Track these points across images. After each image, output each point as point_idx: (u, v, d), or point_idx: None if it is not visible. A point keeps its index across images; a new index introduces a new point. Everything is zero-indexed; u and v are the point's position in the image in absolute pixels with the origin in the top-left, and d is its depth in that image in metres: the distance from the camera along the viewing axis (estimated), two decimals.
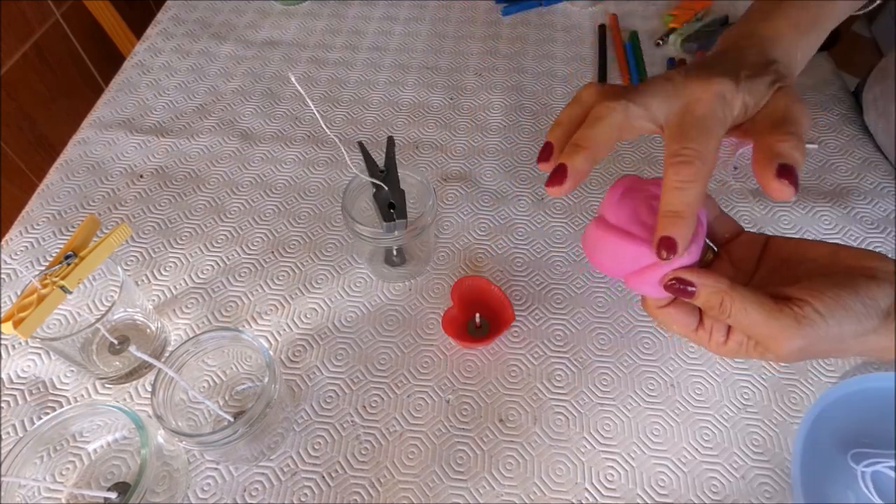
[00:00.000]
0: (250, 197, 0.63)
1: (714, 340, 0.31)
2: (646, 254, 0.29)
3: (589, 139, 0.30)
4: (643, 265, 0.30)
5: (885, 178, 0.62)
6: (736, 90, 0.30)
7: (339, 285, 0.56)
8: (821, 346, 0.27)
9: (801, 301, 0.27)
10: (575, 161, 0.29)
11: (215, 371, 0.47)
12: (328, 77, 0.77)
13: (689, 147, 0.28)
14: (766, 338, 0.27)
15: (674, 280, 0.29)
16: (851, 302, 0.26)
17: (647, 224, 0.30)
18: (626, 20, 0.84)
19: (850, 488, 0.42)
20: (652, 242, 0.29)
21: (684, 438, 0.46)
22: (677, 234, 0.28)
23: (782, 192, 0.27)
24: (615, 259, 0.31)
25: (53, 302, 0.42)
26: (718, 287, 0.28)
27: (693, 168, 0.28)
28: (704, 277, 0.28)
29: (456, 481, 0.44)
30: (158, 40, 0.83)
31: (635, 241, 0.29)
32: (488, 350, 0.51)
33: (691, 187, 0.28)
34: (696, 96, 0.30)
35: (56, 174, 0.66)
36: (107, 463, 0.44)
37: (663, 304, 0.31)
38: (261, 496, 0.44)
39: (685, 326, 0.31)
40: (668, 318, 0.31)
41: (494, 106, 0.73)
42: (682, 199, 0.28)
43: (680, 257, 0.29)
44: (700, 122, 0.29)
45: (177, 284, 0.56)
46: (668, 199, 0.28)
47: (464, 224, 0.60)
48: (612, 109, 0.30)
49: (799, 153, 0.28)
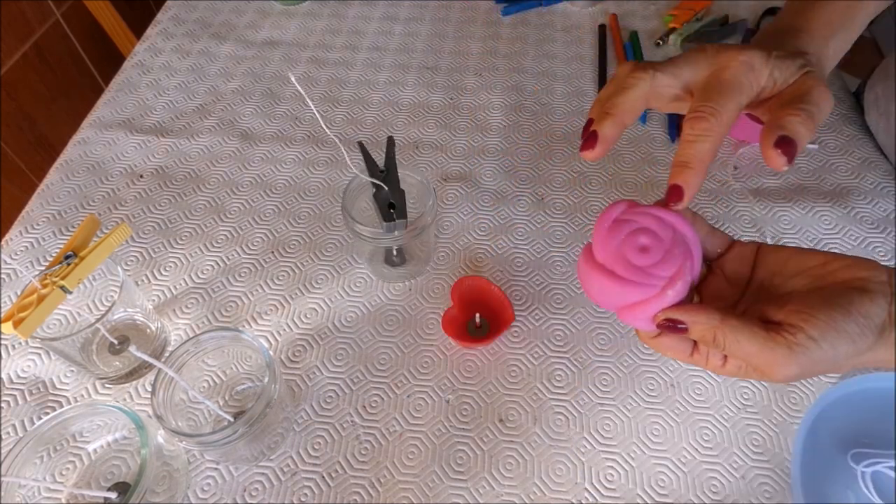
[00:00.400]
0: (250, 197, 0.63)
1: (711, 364, 0.31)
2: (632, 294, 0.29)
3: (616, 106, 0.31)
4: (630, 303, 0.30)
5: (885, 178, 0.62)
6: (765, 62, 0.31)
7: (339, 285, 0.56)
8: (816, 368, 0.27)
9: (793, 327, 0.27)
10: (604, 126, 0.31)
11: (215, 371, 0.47)
12: (328, 77, 0.77)
13: (706, 104, 0.29)
14: (762, 366, 0.28)
15: (665, 320, 0.29)
16: (844, 324, 0.26)
17: (631, 263, 0.30)
18: (626, 20, 0.84)
19: (850, 488, 0.42)
20: (636, 283, 0.29)
21: (684, 438, 0.46)
22: (684, 182, 0.29)
23: (775, 160, 0.28)
24: (602, 295, 0.31)
25: (53, 302, 0.42)
26: (710, 323, 0.28)
27: (706, 123, 0.29)
28: (694, 314, 0.28)
29: (456, 481, 0.44)
30: (158, 40, 0.83)
31: (619, 282, 0.30)
32: (488, 350, 0.51)
33: (702, 141, 0.29)
34: (724, 63, 0.31)
35: (56, 174, 0.66)
36: (107, 463, 0.44)
37: (656, 335, 0.31)
38: (261, 496, 0.44)
39: (680, 353, 0.32)
40: (662, 347, 0.32)
41: (494, 106, 0.73)
42: (691, 151, 0.29)
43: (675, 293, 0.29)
44: (723, 84, 0.30)
45: (177, 284, 0.56)
46: (680, 150, 0.29)
47: (464, 224, 0.60)
48: (639, 79, 0.31)
49: (805, 129, 0.29)
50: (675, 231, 0.30)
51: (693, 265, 0.30)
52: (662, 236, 0.30)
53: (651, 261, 0.29)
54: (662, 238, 0.30)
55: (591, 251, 0.32)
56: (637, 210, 0.31)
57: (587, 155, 0.31)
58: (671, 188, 0.29)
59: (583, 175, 0.64)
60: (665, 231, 0.30)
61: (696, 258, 0.30)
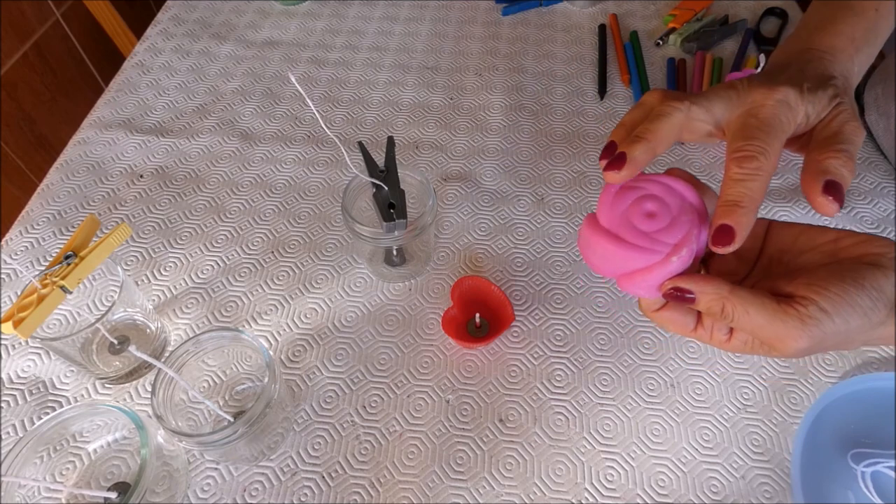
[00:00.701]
0: (250, 197, 0.63)
1: (716, 339, 0.30)
2: (636, 259, 0.29)
3: (650, 132, 0.30)
4: (633, 269, 0.29)
5: (885, 178, 0.62)
6: (800, 99, 0.30)
7: (339, 285, 0.56)
8: (827, 342, 0.26)
9: (804, 300, 0.26)
10: (635, 150, 0.30)
11: (215, 371, 0.47)
12: (328, 77, 0.77)
13: (752, 143, 0.28)
14: (772, 339, 0.27)
15: (672, 289, 0.29)
16: (857, 297, 0.26)
17: (637, 228, 0.29)
18: (626, 20, 0.84)
19: (850, 488, 0.42)
20: (640, 248, 0.28)
21: (684, 438, 0.46)
22: (735, 222, 0.27)
23: (827, 207, 0.28)
24: (604, 261, 0.30)
25: (53, 302, 0.42)
26: (719, 293, 0.27)
27: (757, 162, 0.28)
28: (703, 284, 0.28)
29: (456, 481, 0.44)
30: (158, 40, 0.83)
31: (624, 247, 0.29)
32: (488, 350, 0.51)
33: (753, 179, 0.28)
34: (759, 102, 0.30)
35: (56, 174, 0.66)
36: (107, 463, 0.44)
37: (658, 308, 0.31)
38: (261, 496, 0.44)
39: (683, 327, 0.31)
40: (664, 321, 0.31)
41: (494, 106, 0.73)
42: (742, 190, 0.28)
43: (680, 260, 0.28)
44: (764, 123, 0.29)
45: (177, 284, 0.56)
46: (729, 189, 0.28)
47: (464, 224, 0.60)
48: (675, 108, 0.30)
49: (847, 171, 0.28)
50: (684, 200, 0.30)
51: (700, 235, 0.29)
52: (670, 203, 0.29)
53: (657, 227, 0.29)
54: (670, 205, 0.29)
55: (595, 218, 0.31)
56: (645, 177, 0.31)
57: (612, 176, 0.30)
58: (720, 228, 0.27)
59: (583, 175, 0.64)
60: (673, 199, 0.30)
61: (704, 229, 0.30)
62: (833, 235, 0.30)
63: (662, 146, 0.30)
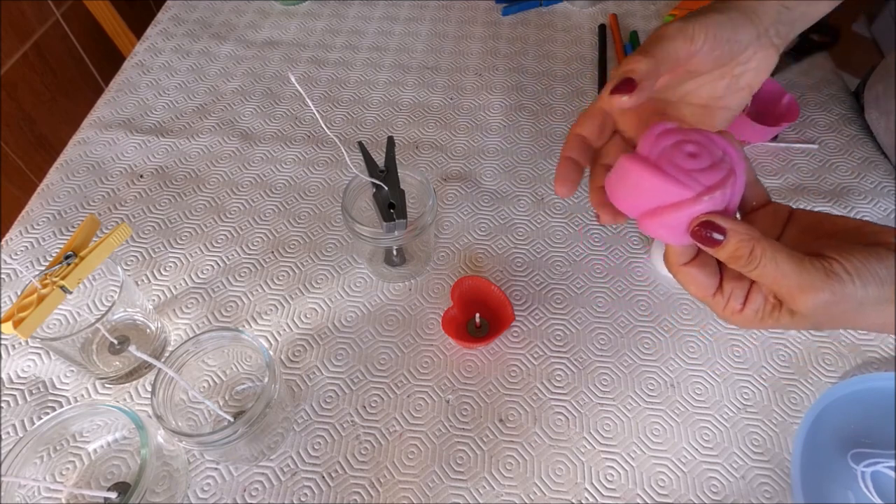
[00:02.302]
0: (250, 197, 0.63)
1: (730, 307, 0.30)
2: (668, 191, 0.28)
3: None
4: (662, 203, 0.29)
5: (885, 177, 0.62)
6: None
7: (339, 285, 0.56)
8: (841, 306, 0.27)
9: (830, 258, 0.27)
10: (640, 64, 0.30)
11: (215, 371, 0.47)
12: (328, 77, 0.77)
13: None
14: (793, 289, 0.27)
15: (702, 224, 0.28)
16: (878, 267, 0.26)
17: (675, 163, 0.28)
18: (626, 20, 0.84)
19: (850, 488, 0.42)
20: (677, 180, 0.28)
21: (684, 438, 0.46)
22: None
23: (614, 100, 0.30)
24: (635, 193, 0.29)
25: (53, 302, 0.42)
26: (750, 234, 0.27)
27: None
28: (736, 224, 0.28)
29: (456, 481, 0.44)
30: (158, 40, 0.83)
31: (661, 175, 0.28)
32: (488, 350, 0.51)
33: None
34: None
35: (56, 174, 0.66)
36: (107, 463, 0.44)
37: (686, 262, 0.30)
38: (261, 496, 0.44)
39: (704, 289, 0.31)
40: (688, 278, 0.31)
41: (494, 106, 0.73)
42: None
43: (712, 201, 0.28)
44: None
45: (177, 284, 0.56)
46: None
47: (464, 224, 0.60)
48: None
49: (644, 66, 0.31)
50: (726, 153, 0.29)
51: (736, 184, 0.29)
52: (712, 150, 0.29)
53: (696, 166, 0.28)
54: (711, 151, 0.29)
55: (635, 153, 0.30)
56: (687, 129, 0.30)
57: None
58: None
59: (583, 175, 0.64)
60: (715, 148, 0.29)
61: (740, 183, 0.29)
62: (856, 223, 0.30)
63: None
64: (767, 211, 0.33)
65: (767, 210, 0.33)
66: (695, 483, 0.44)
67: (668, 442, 0.46)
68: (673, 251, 0.30)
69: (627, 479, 0.44)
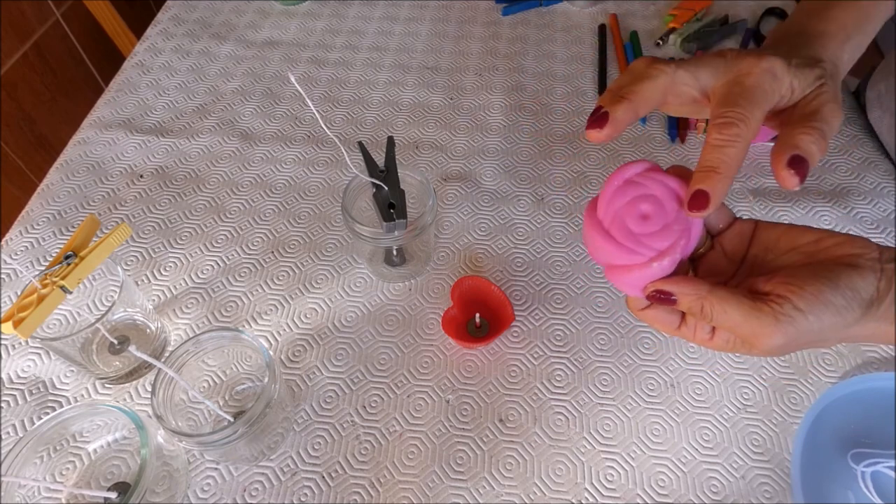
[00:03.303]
0: (250, 197, 0.63)
1: (699, 337, 0.31)
2: (618, 255, 0.30)
3: (634, 93, 0.31)
4: (616, 264, 0.31)
5: (885, 178, 0.62)
6: (786, 71, 0.30)
7: (339, 285, 0.56)
8: (802, 339, 0.27)
9: (780, 298, 0.27)
10: (617, 110, 0.30)
11: (215, 371, 0.47)
12: (328, 77, 0.77)
13: (734, 110, 0.29)
14: (748, 336, 0.28)
15: (654, 291, 0.30)
16: (832, 296, 0.27)
17: (627, 228, 0.30)
18: (626, 20, 0.84)
19: (850, 488, 0.42)
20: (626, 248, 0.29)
21: (684, 438, 0.46)
22: (711, 188, 0.28)
23: (787, 180, 0.28)
24: (594, 250, 0.32)
25: (53, 302, 0.42)
26: (698, 293, 0.28)
27: (736, 129, 0.28)
28: (683, 286, 0.29)
29: (456, 481, 0.44)
30: (158, 40, 0.83)
31: (611, 243, 0.30)
32: (488, 350, 0.51)
33: (732, 145, 0.28)
34: (745, 70, 0.30)
35: (56, 174, 0.66)
36: (107, 463, 0.44)
37: (644, 307, 0.32)
38: (261, 496, 0.44)
39: (668, 325, 0.32)
40: (649, 319, 0.32)
41: (494, 106, 0.73)
42: (720, 156, 0.28)
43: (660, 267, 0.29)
44: (748, 91, 0.30)
45: (177, 284, 0.56)
46: (707, 154, 0.28)
47: (464, 224, 0.60)
48: (661, 71, 0.31)
49: (817, 147, 0.28)
50: (682, 207, 0.30)
51: (687, 244, 0.30)
52: (667, 208, 0.30)
53: (647, 230, 0.30)
54: (666, 210, 0.30)
55: (595, 205, 0.32)
56: (651, 175, 0.31)
57: (594, 135, 0.30)
58: (696, 194, 0.28)
59: (583, 175, 0.64)
60: (671, 203, 0.30)
61: (694, 237, 0.30)
62: (814, 236, 0.30)
63: (645, 107, 0.31)
64: (734, 232, 0.34)
65: (734, 231, 0.34)
66: (695, 483, 0.44)
67: (668, 442, 0.46)
68: (632, 299, 0.32)
69: (627, 479, 0.44)
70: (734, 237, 0.33)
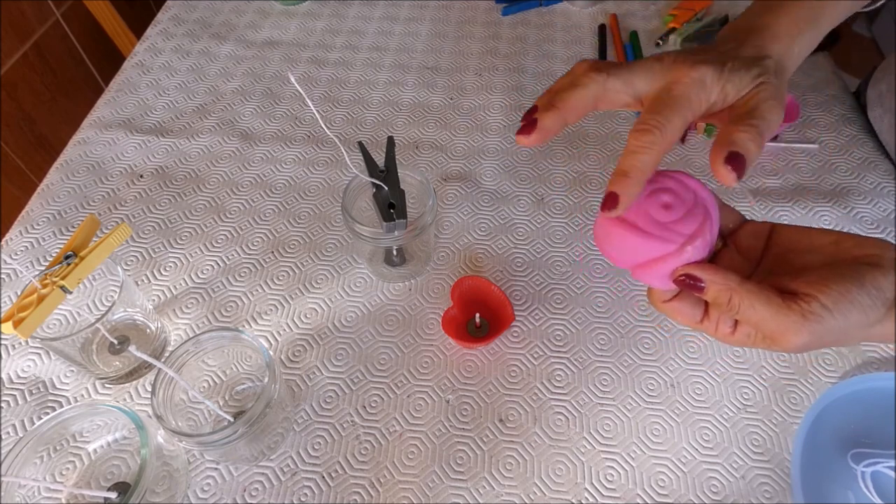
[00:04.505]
0: (250, 197, 0.63)
1: (721, 331, 0.31)
2: (652, 248, 0.30)
3: (563, 101, 0.32)
4: (649, 258, 0.30)
5: (885, 178, 0.62)
6: (717, 78, 0.31)
7: (339, 285, 0.56)
8: (827, 338, 0.28)
9: (807, 296, 0.27)
10: (545, 118, 0.31)
11: (215, 371, 0.47)
12: (328, 77, 0.77)
13: (653, 117, 0.30)
14: (774, 333, 0.28)
15: (684, 276, 0.30)
16: (858, 295, 0.27)
17: (653, 218, 0.30)
18: (626, 20, 0.84)
19: (850, 488, 0.42)
20: (657, 237, 0.29)
21: (684, 438, 0.46)
22: (621, 190, 0.29)
23: (725, 176, 0.28)
24: (622, 251, 0.31)
25: (53, 302, 0.42)
26: (727, 284, 0.28)
27: (651, 136, 0.29)
28: (713, 274, 0.29)
29: (456, 481, 0.44)
30: (158, 40, 0.83)
31: (641, 236, 0.30)
32: (488, 350, 0.51)
33: (644, 153, 0.29)
34: (676, 78, 0.31)
35: (56, 174, 0.66)
36: (107, 463, 0.44)
37: (668, 298, 0.32)
38: (261, 496, 0.44)
39: (690, 318, 0.32)
40: (673, 311, 0.32)
41: (494, 106, 0.73)
42: (633, 162, 0.29)
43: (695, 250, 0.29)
44: (673, 99, 0.30)
45: (177, 284, 0.56)
46: (622, 160, 0.30)
47: (464, 224, 0.60)
48: (591, 80, 0.32)
49: (754, 144, 0.29)
50: (697, 195, 0.31)
51: (712, 226, 0.30)
52: (684, 197, 0.31)
53: (673, 217, 0.30)
54: (684, 199, 0.31)
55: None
56: (660, 173, 0.32)
57: (522, 140, 0.32)
58: (608, 195, 0.29)
59: (583, 175, 0.64)
60: (687, 193, 0.31)
61: (715, 221, 0.31)
62: (834, 237, 0.31)
63: (574, 116, 0.32)
64: (748, 231, 0.34)
65: (748, 230, 0.34)
66: (695, 483, 0.44)
67: (668, 442, 0.46)
68: (654, 291, 0.32)
69: (627, 479, 0.44)
70: (748, 236, 0.34)
